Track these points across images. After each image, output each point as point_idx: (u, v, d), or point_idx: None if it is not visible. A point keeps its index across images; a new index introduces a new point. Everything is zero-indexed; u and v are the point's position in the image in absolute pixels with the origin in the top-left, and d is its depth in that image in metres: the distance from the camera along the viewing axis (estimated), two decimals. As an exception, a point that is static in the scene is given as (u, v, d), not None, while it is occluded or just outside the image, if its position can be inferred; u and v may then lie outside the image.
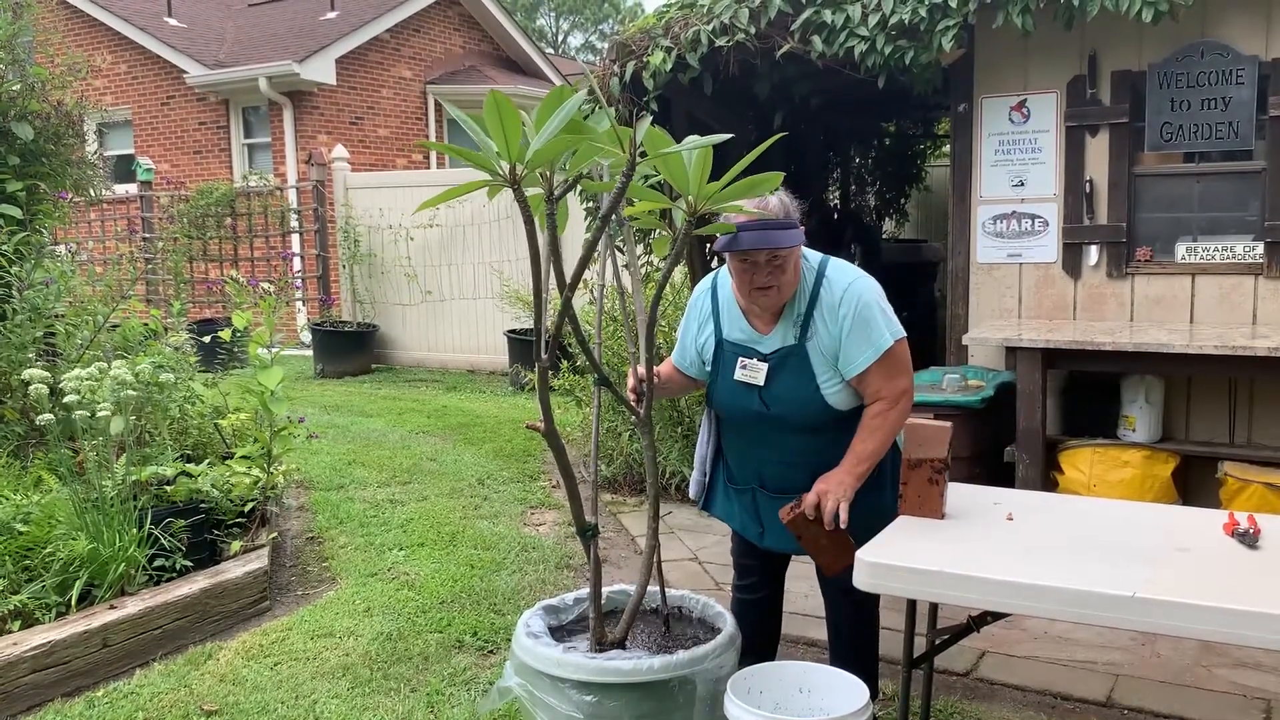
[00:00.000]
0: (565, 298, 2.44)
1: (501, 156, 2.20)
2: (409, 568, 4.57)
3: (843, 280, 2.83)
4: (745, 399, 2.91)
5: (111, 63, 14.17)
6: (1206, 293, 5.00)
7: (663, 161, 2.39)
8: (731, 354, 2.93)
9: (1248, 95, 4.75)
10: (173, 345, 5.53)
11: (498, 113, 2.11)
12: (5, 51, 5.48)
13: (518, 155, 2.18)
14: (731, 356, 2.93)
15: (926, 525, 2.70)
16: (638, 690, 2.54)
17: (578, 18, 44.01)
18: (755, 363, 2.88)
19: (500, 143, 2.16)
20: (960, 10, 4.60)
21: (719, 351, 2.96)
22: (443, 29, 15.50)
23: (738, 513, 3.11)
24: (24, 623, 3.62)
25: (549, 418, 2.61)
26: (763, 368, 2.87)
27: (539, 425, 2.61)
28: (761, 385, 2.87)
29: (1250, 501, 4.36)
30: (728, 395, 2.97)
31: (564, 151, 2.25)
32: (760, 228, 2.67)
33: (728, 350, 2.94)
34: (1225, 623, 2.10)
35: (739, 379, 2.90)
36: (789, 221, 2.72)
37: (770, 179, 2.45)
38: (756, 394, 2.89)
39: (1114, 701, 3.36)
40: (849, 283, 2.82)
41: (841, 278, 2.84)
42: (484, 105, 2.12)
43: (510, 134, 2.14)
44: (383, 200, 10.60)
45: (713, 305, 3.01)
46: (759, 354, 2.88)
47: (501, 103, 2.10)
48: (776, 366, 2.85)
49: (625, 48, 5.32)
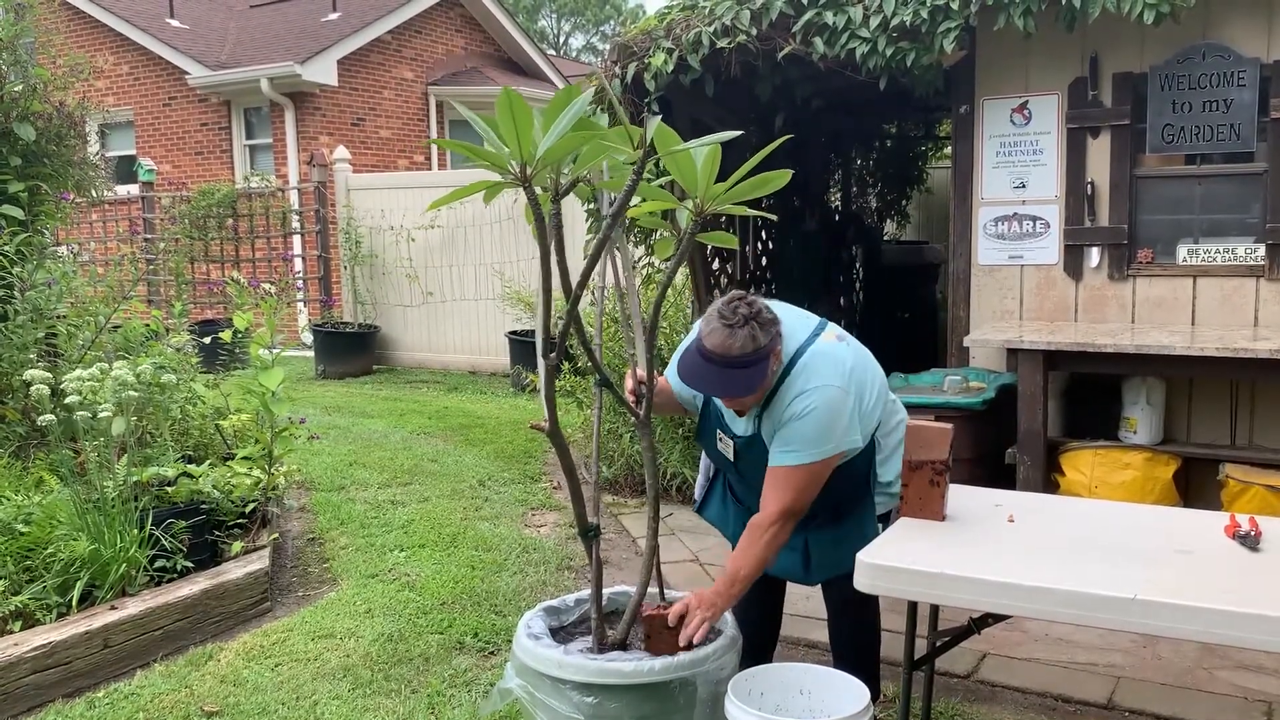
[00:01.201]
0: (574, 297, 2.44)
1: (513, 155, 2.18)
2: (410, 569, 4.57)
3: (804, 382, 2.71)
4: (724, 462, 3.04)
5: (113, 63, 14.19)
6: (1208, 295, 5.00)
7: (672, 160, 2.38)
8: (714, 420, 2.98)
9: (1249, 97, 4.75)
10: (174, 346, 5.53)
11: (510, 111, 2.10)
12: (7, 52, 5.48)
13: (529, 154, 2.17)
14: (714, 423, 2.99)
15: (927, 527, 2.70)
16: (639, 691, 2.54)
17: (579, 19, 44.04)
18: (727, 440, 2.95)
19: (512, 141, 2.15)
20: (961, 12, 4.59)
21: (707, 407, 3.01)
22: (444, 30, 15.50)
23: (732, 522, 3.15)
24: (25, 623, 3.62)
25: (554, 418, 2.61)
26: (731, 445, 2.94)
27: (543, 425, 2.61)
28: (733, 461, 2.96)
29: (1251, 503, 4.36)
30: (710, 452, 3.10)
31: (575, 150, 2.23)
32: (719, 364, 2.58)
33: (713, 413, 2.99)
34: (1226, 625, 2.10)
35: (719, 449, 3.01)
36: (752, 359, 2.57)
37: (778, 177, 2.43)
38: (731, 465, 3.00)
39: (1115, 704, 3.36)
40: (806, 389, 2.69)
41: (806, 378, 2.71)
42: (496, 103, 2.11)
43: (522, 132, 2.13)
44: (384, 201, 10.61)
45: None
46: (731, 432, 2.93)
47: (514, 101, 2.09)
48: (743, 449, 2.91)
49: (627, 49, 5.32)
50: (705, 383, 2.65)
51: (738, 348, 2.57)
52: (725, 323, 2.58)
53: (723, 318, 2.60)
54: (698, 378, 2.65)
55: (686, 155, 2.37)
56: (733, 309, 2.60)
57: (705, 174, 2.41)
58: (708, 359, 2.60)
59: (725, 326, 2.58)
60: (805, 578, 3.05)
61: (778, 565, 2.98)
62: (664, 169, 2.75)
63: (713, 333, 2.59)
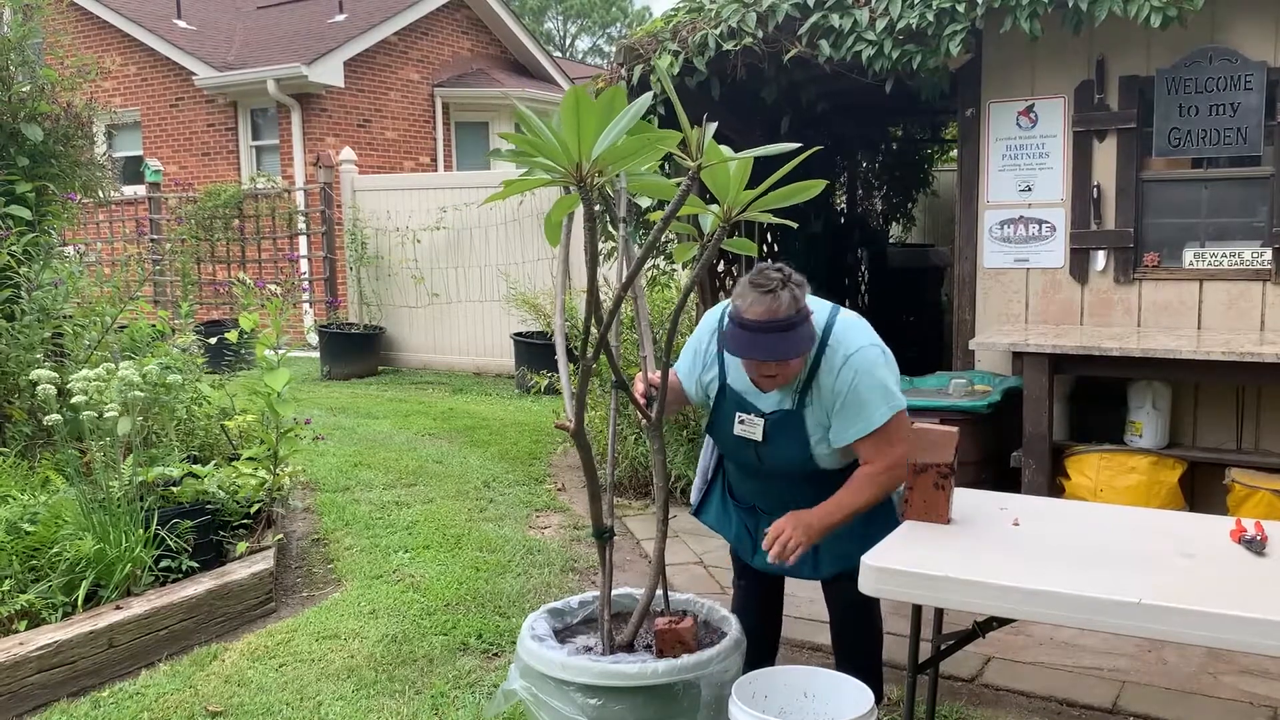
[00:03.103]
0: (617, 297, 2.45)
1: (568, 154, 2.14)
2: (414, 570, 4.57)
3: (844, 349, 2.76)
4: (742, 449, 2.94)
5: (121, 64, 14.23)
6: (1214, 299, 4.99)
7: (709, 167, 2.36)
8: (733, 403, 2.92)
9: (1256, 101, 4.74)
10: (180, 346, 5.54)
11: (576, 110, 2.08)
12: (15, 53, 5.50)
13: (587, 154, 2.14)
14: (732, 405, 2.92)
15: (932, 530, 2.69)
16: (642, 694, 2.54)
17: (585, 21, 44.07)
18: (753, 418, 2.87)
19: (573, 140, 2.12)
20: (968, 15, 4.60)
21: (721, 396, 2.96)
22: (450, 32, 15.53)
23: (734, 525, 3.15)
24: (30, 622, 3.63)
25: (581, 418, 2.61)
26: (760, 424, 2.86)
27: (568, 425, 2.61)
28: (759, 441, 2.88)
29: (1257, 508, 4.35)
30: (725, 439, 2.99)
31: (637, 153, 2.19)
32: (767, 330, 2.58)
33: (730, 397, 2.93)
34: (1231, 629, 2.09)
35: (738, 433, 2.91)
36: (798, 320, 2.61)
37: (810, 186, 2.41)
38: (752, 448, 2.91)
39: (1120, 708, 3.35)
40: (850, 354, 2.75)
41: (844, 345, 2.76)
42: (563, 101, 2.09)
43: (585, 131, 2.10)
44: (390, 203, 10.62)
45: (718, 349, 2.96)
46: (757, 410, 2.87)
47: (581, 99, 2.07)
48: (772, 428, 2.85)
49: (633, 51, 5.33)
50: (758, 349, 2.62)
51: (783, 310, 2.58)
52: (764, 290, 2.59)
53: (759, 287, 2.60)
54: (749, 346, 2.62)
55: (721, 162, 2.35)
56: (766, 277, 2.62)
57: (737, 181, 2.39)
58: (756, 329, 2.59)
59: (765, 294, 2.59)
60: (814, 573, 3.02)
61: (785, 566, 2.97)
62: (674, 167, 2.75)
63: (754, 303, 2.59)
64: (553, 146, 2.15)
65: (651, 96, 2.22)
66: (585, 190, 2.23)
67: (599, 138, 2.11)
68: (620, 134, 2.11)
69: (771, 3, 4.92)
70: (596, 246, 2.40)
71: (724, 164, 2.36)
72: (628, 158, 2.18)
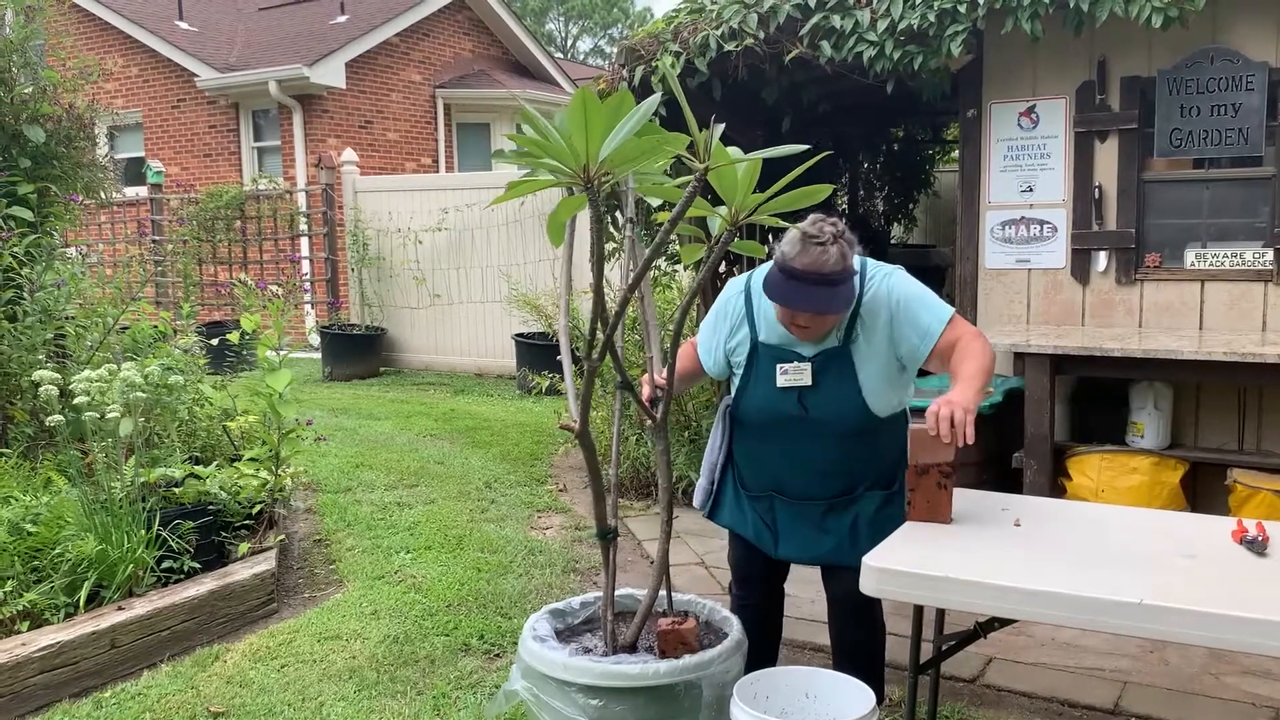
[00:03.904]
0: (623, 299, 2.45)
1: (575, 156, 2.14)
2: (416, 570, 4.57)
3: (881, 275, 2.82)
4: (782, 404, 2.86)
5: (123, 66, 14.24)
6: (1216, 299, 4.99)
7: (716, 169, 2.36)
8: (769, 359, 2.87)
9: (1258, 101, 4.74)
10: (182, 347, 5.54)
11: (583, 111, 2.08)
12: (18, 54, 5.51)
13: (595, 155, 2.14)
14: (769, 362, 2.87)
15: (933, 531, 2.69)
16: (644, 694, 2.54)
17: (587, 22, 44.08)
18: (798, 364, 2.83)
19: (581, 141, 2.11)
20: (969, 16, 4.60)
21: (754, 356, 2.91)
22: (452, 33, 15.54)
23: (751, 521, 3.05)
24: (33, 623, 3.63)
25: (585, 419, 2.61)
26: (806, 368, 2.82)
27: (573, 425, 2.61)
28: (808, 385, 2.83)
29: (1259, 509, 4.35)
30: (762, 400, 2.90)
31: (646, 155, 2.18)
32: (811, 282, 2.58)
33: (764, 355, 2.88)
34: (1233, 630, 2.09)
35: (783, 384, 2.85)
36: (843, 277, 2.61)
37: (818, 190, 2.40)
38: (795, 398, 2.84)
39: (1122, 709, 3.35)
40: (888, 275, 2.82)
41: (880, 272, 2.83)
42: (570, 102, 2.08)
43: (592, 132, 2.09)
44: (391, 204, 10.63)
45: (747, 309, 2.93)
46: (800, 356, 2.83)
47: (588, 101, 2.06)
48: (820, 369, 2.82)
49: (634, 52, 5.33)
50: (803, 300, 2.61)
51: (831, 264, 2.58)
52: (815, 241, 2.58)
53: (812, 238, 2.59)
54: (794, 295, 2.61)
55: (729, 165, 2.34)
56: (819, 229, 2.61)
57: (745, 184, 2.39)
58: (801, 278, 2.58)
59: (817, 245, 2.58)
60: (852, 557, 2.79)
61: (822, 550, 2.94)
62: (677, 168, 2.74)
63: (804, 252, 2.58)
64: (560, 147, 2.14)
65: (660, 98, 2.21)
66: (592, 192, 2.22)
67: (606, 139, 2.11)
68: (628, 135, 2.10)
69: (773, 4, 4.92)
70: (603, 248, 2.40)
71: (732, 166, 2.35)
72: (635, 159, 2.18)
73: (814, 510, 2.94)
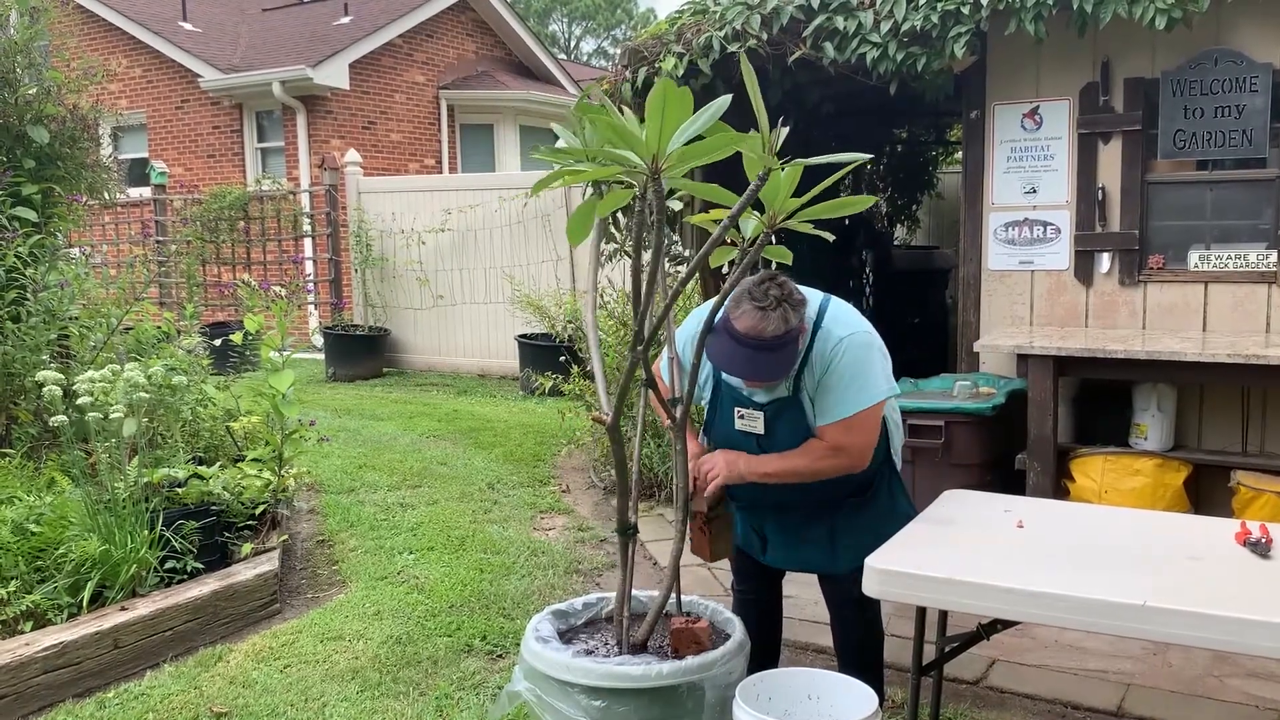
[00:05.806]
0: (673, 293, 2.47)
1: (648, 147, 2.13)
2: (419, 571, 4.58)
3: (836, 334, 2.75)
4: (744, 443, 2.91)
5: (127, 66, 14.27)
6: (1219, 301, 4.98)
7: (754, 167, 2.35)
8: (729, 399, 2.90)
9: (1261, 103, 4.74)
10: (185, 348, 5.55)
11: (662, 102, 2.07)
12: (22, 55, 5.52)
13: (665, 148, 2.12)
14: (729, 401, 2.90)
15: (936, 532, 2.69)
16: (646, 695, 2.54)
17: (590, 23, 44.12)
18: (753, 412, 2.85)
19: (654, 133, 2.10)
20: (972, 17, 4.60)
21: (717, 394, 2.94)
22: (455, 34, 15.55)
23: (740, 528, 3.11)
24: (36, 623, 3.64)
25: (618, 412, 2.60)
26: (760, 417, 2.84)
27: (605, 418, 2.60)
28: (762, 434, 2.86)
29: (1263, 511, 4.34)
30: (725, 437, 2.95)
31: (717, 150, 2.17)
32: (750, 346, 2.57)
33: (725, 394, 2.91)
34: (1236, 632, 2.09)
35: (740, 429, 2.89)
36: (783, 342, 2.59)
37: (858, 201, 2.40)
38: (755, 440, 2.88)
39: (1125, 711, 3.34)
40: (841, 338, 2.74)
41: (836, 331, 2.75)
42: (650, 94, 2.07)
43: (667, 125, 2.08)
44: (395, 205, 10.64)
45: None
46: (754, 403, 2.85)
47: (669, 92, 2.05)
48: (773, 418, 2.84)
49: (637, 53, 5.34)
50: (737, 366, 2.61)
51: (770, 330, 2.56)
52: (758, 305, 2.57)
53: (754, 299, 2.58)
54: (729, 360, 2.61)
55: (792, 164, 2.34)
56: (764, 290, 2.59)
57: (786, 187, 2.36)
58: (741, 342, 2.57)
59: (758, 309, 2.56)
60: (833, 565, 2.98)
61: (804, 560, 2.99)
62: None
63: (745, 314, 2.57)
64: (636, 137, 2.14)
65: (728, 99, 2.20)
66: (658, 184, 2.20)
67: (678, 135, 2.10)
68: (699, 130, 2.11)
69: (776, 5, 4.92)
70: (662, 242, 2.39)
71: (776, 170, 2.34)
72: (703, 155, 2.18)
73: (794, 519, 2.99)
